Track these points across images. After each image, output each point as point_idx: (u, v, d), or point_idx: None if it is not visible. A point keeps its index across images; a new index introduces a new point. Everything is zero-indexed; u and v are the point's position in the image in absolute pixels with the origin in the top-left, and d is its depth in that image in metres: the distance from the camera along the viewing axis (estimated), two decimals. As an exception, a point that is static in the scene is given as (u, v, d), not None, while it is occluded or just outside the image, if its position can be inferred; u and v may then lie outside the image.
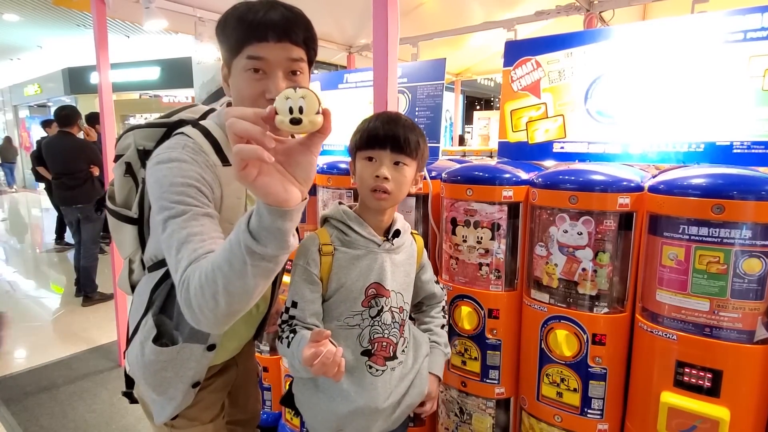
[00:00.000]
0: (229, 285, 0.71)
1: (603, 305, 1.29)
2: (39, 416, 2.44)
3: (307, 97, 0.60)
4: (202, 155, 0.90)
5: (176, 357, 0.99)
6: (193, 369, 1.02)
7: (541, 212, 1.36)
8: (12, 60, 10.97)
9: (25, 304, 4.26)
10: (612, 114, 1.45)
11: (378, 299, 1.08)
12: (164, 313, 0.99)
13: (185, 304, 0.77)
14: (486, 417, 1.56)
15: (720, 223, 1.05)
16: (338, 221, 1.11)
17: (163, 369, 1.00)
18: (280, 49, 0.87)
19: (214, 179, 0.89)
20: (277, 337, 1.07)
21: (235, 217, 0.94)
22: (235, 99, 0.93)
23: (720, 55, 1.27)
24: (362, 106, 2.30)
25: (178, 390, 1.03)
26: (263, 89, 0.88)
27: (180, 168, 0.86)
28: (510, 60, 1.64)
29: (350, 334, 1.08)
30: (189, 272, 0.76)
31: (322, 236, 1.09)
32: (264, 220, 0.65)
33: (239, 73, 0.89)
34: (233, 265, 0.69)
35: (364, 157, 1.07)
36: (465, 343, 1.53)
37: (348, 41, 3.73)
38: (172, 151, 0.88)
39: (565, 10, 2.78)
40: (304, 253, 1.08)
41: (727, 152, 1.26)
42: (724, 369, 1.08)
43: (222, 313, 0.75)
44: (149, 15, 2.55)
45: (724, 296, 1.07)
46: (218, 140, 0.94)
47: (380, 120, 1.09)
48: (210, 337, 1.01)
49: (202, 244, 0.79)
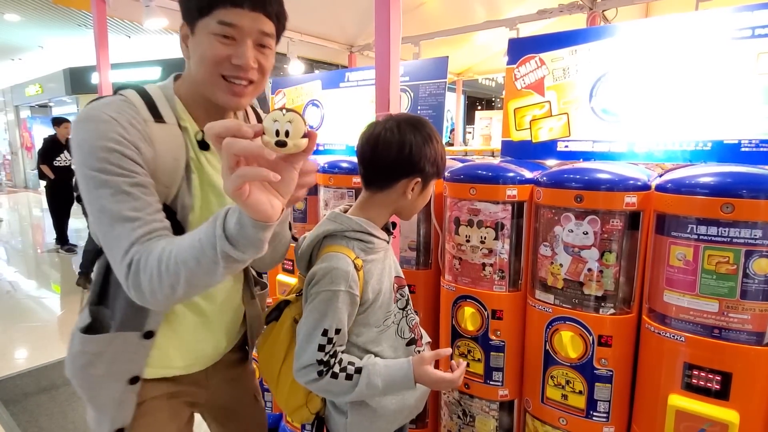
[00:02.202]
0: (193, 279, 0.74)
1: (609, 306, 1.27)
2: (38, 417, 2.42)
3: (294, 121, 0.63)
4: (129, 112, 0.83)
5: (107, 349, 0.91)
6: (129, 362, 0.93)
7: (545, 211, 1.34)
8: (13, 60, 10.98)
9: (25, 305, 4.25)
10: (617, 112, 1.43)
11: (402, 290, 1.13)
12: (103, 303, 0.94)
13: (134, 287, 0.76)
14: (489, 419, 1.54)
15: (729, 223, 1.03)
16: (357, 232, 1.05)
17: (90, 364, 0.92)
18: (252, 20, 0.84)
19: (142, 138, 0.82)
20: (318, 372, 0.97)
21: (171, 180, 0.87)
22: (195, 61, 0.87)
23: (727, 52, 1.25)
24: (364, 105, 2.28)
25: (112, 391, 0.93)
26: (230, 54, 0.84)
27: (97, 130, 0.78)
28: (513, 58, 1.62)
29: (389, 333, 1.08)
30: (135, 255, 0.76)
31: (348, 253, 1.02)
32: (247, 231, 0.67)
33: (205, 36, 0.84)
34: (201, 263, 0.71)
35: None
36: (468, 344, 1.51)
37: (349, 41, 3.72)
38: (91, 110, 0.81)
39: (567, 9, 2.77)
40: (343, 277, 0.98)
41: (735, 150, 1.24)
42: (733, 371, 1.06)
43: (177, 299, 0.78)
44: (149, 14, 2.54)
45: (733, 297, 1.05)
46: (153, 99, 0.88)
47: None
48: (146, 322, 0.92)
49: (140, 223, 0.77)
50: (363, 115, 2.27)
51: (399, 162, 1.03)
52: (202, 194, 0.93)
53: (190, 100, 0.92)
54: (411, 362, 0.98)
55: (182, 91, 0.93)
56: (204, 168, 0.93)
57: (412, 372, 0.96)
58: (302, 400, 1.10)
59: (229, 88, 0.87)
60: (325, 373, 0.97)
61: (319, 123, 2.50)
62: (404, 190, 1.05)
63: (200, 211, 0.93)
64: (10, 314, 3.96)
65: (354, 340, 1.05)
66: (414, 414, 1.18)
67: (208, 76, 0.85)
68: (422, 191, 1.08)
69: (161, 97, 0.90)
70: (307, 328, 0.99)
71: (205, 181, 0.93)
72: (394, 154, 1.02)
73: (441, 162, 1.08)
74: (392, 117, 1.07)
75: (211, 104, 0.90)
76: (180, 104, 0.91)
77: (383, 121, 1.06)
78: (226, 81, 0.86)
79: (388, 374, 0.97)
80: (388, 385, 0.97)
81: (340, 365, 0.98)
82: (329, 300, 0.97)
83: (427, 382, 0.97)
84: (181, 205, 0.89)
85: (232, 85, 0.86)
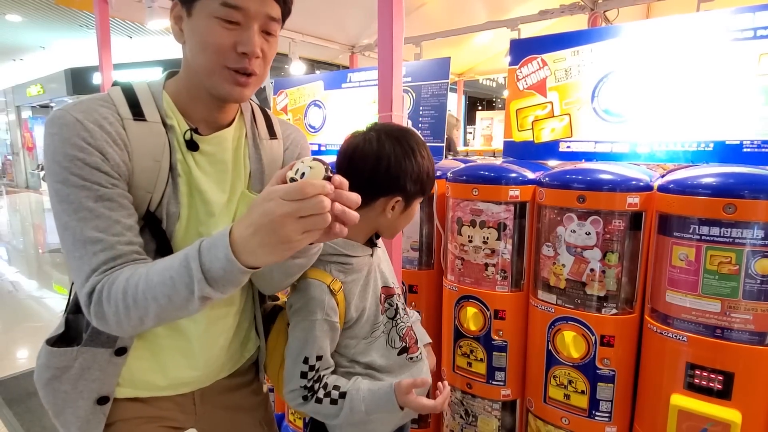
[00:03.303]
0: (162, 314, 0.70)
1: (611, 306, 1.27)
2: (41, 417, 2.43)
3: (315, 167, 0.62)
4: (100, 111, 0.75)
5: (73, 365, 0.83)
6: (98, 380, 0.84)
7: (548, 212, 1.34)
8: (15, 60, 11.00)
9: (27, 305, 4.26)
10: (619, 113, 1.43)
11: (391, 300, 1.08)
12: (81, 311, 0.83)
13: (96, 316, 0.72)
14: (492, 419, 1.54)
15: (732, 223, 1.03)
16: (332, 255, 1.00)
17: (55, 378, 0.83)
18: (260, 2, 0.76)
19: (111, 140, 0.74)
20: (303, 397, 0.96)
21: (152, 184, 0.79)
22: (193, 47, 0.78)
23: (729, 52, 1.25)
24: (365, 106, 2.29)
25: (77, 410, 0.84)
26: (235, 40, 0.76)
27: (60, 134, 0.72)
28: (516, 59, 1.63)
29: (379, 343, 1.06)
30: (97, 285, 0.71)
31: (324, 278, 0.97)
32: (234, 276, 0.63)
33: (205, 18, 0.75)
34: (174, 300, 0.67)
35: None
36: (471, 344, 1.52)
37: (351, 41, 3.73)
38: (58, 110, 0.74)
39: (569, 9, 2.77)
40: (319, 306, 0.95)
41: (737, 151, 1.25)
42: (735, 371, 1.06)
43: (146, 328, 0.74)
44: (151, 14, 2.54)
45: (735, 297, 1.05)
46: (137, 95, 0.81)
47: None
48: (119, 337, 0.84)
49: (102, 246, 0.72)
50: (365, 115, 2.27)
51: (375, 177, 0.95)
52: (189, 202, 0.84)
53: (185, 95, 0.84)
54: (394, 388, 0.94)
55: (176, 85, 0.85)
56: (192, 172, 0.84)
57: (394, 397, 0.93)
58: None
59: (233, 78, 0.78)
60: (310, 398, 0.96)
61: (321, 124, 2.50)
62: (383, 209, 0.98)
63: (187, 221, 0.84)
64: (12, 314, 3.97)
65: (342, 352, 1.03)
66: (412, 414, 1.16)
67: (210, 65, 0.77)
68: (404, 210, 1.01)
69: (146, 94, 0.82)
70: (292, 354, 0.98)
71: (194, 187, 0.84)
72: (370, 167, 0.94)
73: (426, 179, 0.99)
74: (375, 127, 1.00)
75: (211, 96, 0.82)
76: (168, 101, 0.83)
77: (364, 131, 1.00)
78: (229, 70, 0.78)
79: (372, 400, 0.95)
80: (371, 410, 0.95)
81: (325, 390, 0.96)
82: (308, 329, 0.96)
83: (411, 407, 0.94)
84: (166, 213, 0.81)
85: (237, 75, 0.78)
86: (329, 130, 2.48)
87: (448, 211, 1.55)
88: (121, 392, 0.88)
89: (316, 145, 2.53)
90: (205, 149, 0.85)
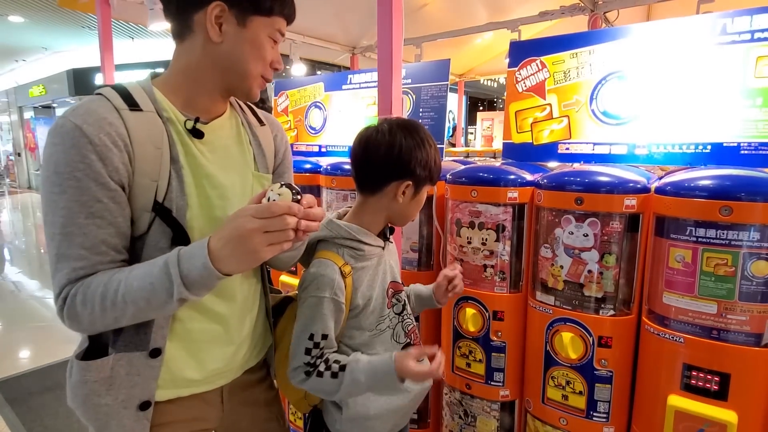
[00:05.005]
0: (139, 314, 0.77)
1: (609, 307, 1.28)
2: (43, 416, 2.44)
3: (283, 194, 0.74)
4: (99, 111, 0.77)
5: (110, 374, 0.82)
6: (138, 386, 0.84)
7: (546, 214, 1.35)
8: (17, 61, 11.03)
9: (29, 305, 4.27)
10: (618, 115, 1.44)
11: (398, 295, 1.14)
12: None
13: (69, 317, 0.76)
14: (490, 420, 1.55)
15: (728, 225, 1.04)
16: (346, 239, 1.05)
17: (94, 393, 0.82)
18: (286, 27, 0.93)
19: (112, 139, 0.76)
20: (305, 373, 0.99)
21: (157, 172, 0.81)
22: (239, 53, 0.85)
23: (727, 55, 1.26)
24: (365, 107, 2.30)
25: (122, 420, 0.84)
26: (274, 58, 0.91)
27: (63, 146, 0.74)
28: (515, 61, 1.64)
29: (384, 337, 1.10)
30: (72, 290, 0.75)
31: (337, 260, 1.02)
32: (210, 281, 0.73)
33: (261, 35, 0.86)
34: (152, 303, 0.74)
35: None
36: (469, 345, 1.52)
37: (351, 42, 3.74)
38: (60, 118, 0.76)
39: (569, 11, 2.78)
40: (328, 284, 0.99)
41: (735, 153, 1.25)
42: (731, 372, 1.07)
43: (116, 327, 0.80)
44: (154, 16, 2.56)
45: (732, 299, 1.06)
46: (129, 90, 0.83)
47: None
48: (151, 338, 0.84)
49: (83, 264, 0.75)
50: (365, 116, 2.28)
51: (388, 163, 1.02)
52: (198, 191, 0.86)
53: (186, 88, 0.88)
54: (393, 357, 0.97)
55: (169, 81, 0.88)
56: (197, 159, 0.87)
57: (393, 366, 0.95)
58: (301, 393, 1.13)
59: (261, 84, 0.92)
60: (312, 373, 0.99)
61: (322, 125, 2.51)
62: (395, 194, 1.04)
63: (199, 209, 0.86)
64: (15, 314, 3.99)
65: (347, 342, 1.07)
66: (409, 414, 1.19)
67: (254, 72, 0.88)
68: (414, 196, 1.06)
69: (137, 89, 0.84)
70: (297, 331, 1.02)
71: (201, 174, 0.87)
72: (383, 154, 1.01)
73: (434, 167, 1.06)
74: (387, 120, 1.07)
75: (216, 93, 0.90)
76: (160, 95, 0.86)
77: (377, 124, 1.06)
78: (262, 78, 0.92)
79: (371, 369, 0.97)
80: (370, 379, 0.97)
81: (326, 364, 1.00)
82: (315, 306, 1.00)
83: (408, 375, 0.95)
84: (176, 205, 0.83)
85: (263, 81, 0.92)
86: (330, 131, 2.49)
87: (447, 212, 1.56)
88: (161, 395, 0.89)
89: (317, 146, 2.54)
90: (207, 137, 0.90)
